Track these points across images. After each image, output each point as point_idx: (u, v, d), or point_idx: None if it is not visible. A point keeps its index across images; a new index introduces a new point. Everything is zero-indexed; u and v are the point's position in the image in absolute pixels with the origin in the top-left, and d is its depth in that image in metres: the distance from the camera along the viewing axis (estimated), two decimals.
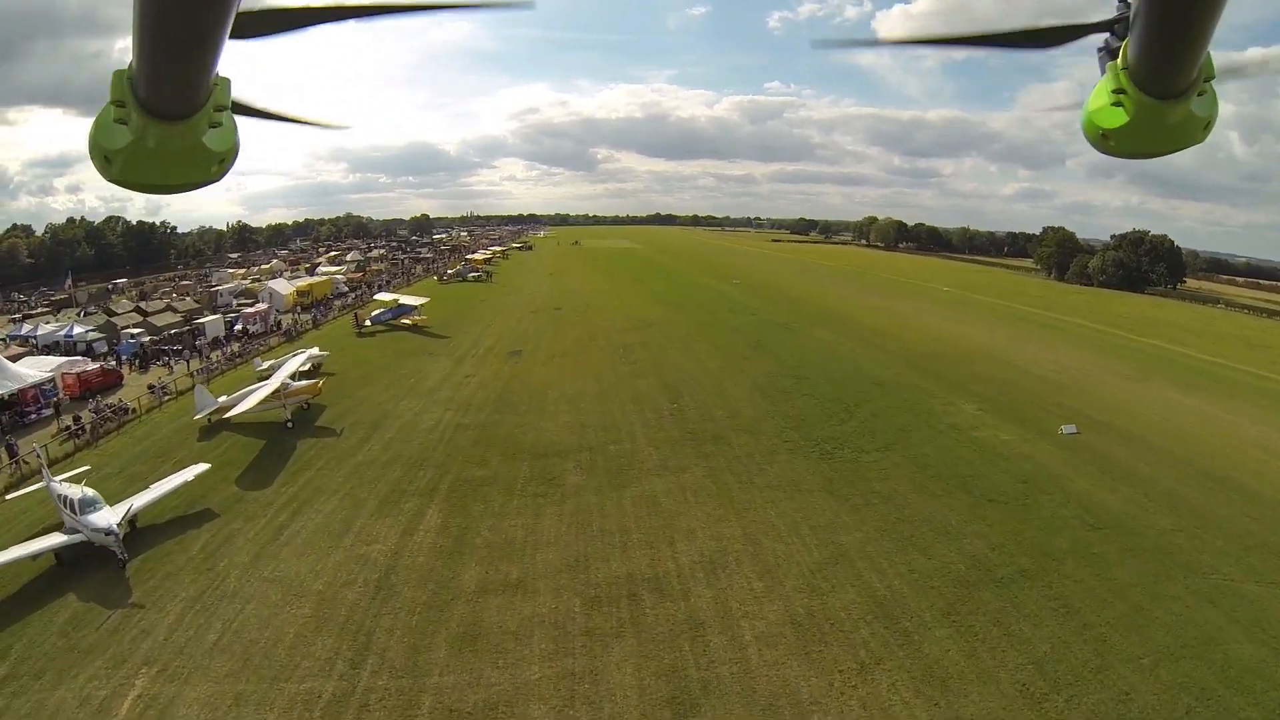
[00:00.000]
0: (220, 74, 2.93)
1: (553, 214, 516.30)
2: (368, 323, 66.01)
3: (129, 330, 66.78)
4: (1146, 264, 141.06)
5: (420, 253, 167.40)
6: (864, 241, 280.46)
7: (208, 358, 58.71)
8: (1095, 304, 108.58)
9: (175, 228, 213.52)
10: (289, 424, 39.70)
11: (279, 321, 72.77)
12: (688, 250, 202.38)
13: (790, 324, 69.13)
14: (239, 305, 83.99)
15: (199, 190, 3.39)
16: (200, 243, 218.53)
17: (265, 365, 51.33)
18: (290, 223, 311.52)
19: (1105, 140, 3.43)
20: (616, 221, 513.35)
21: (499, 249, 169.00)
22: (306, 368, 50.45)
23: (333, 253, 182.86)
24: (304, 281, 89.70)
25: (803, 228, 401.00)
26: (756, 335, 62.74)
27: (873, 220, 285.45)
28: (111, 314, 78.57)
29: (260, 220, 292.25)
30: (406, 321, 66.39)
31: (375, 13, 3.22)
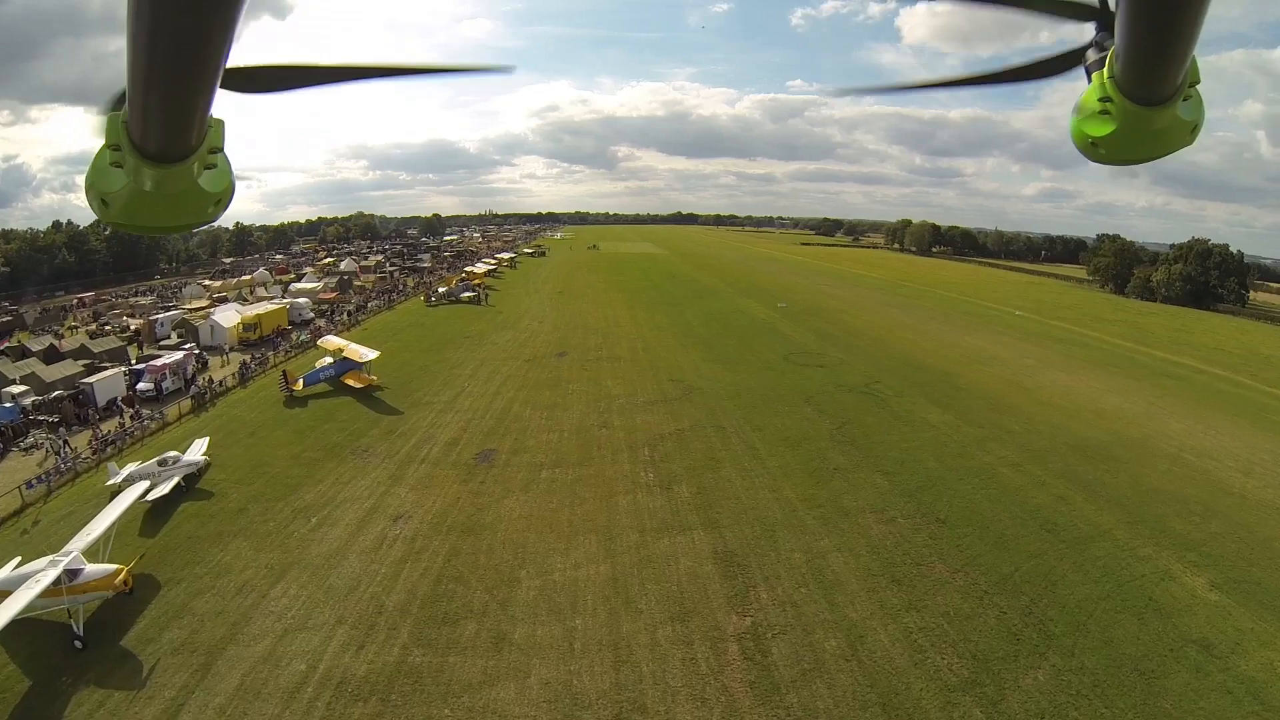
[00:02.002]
0: (214, 116, 2.83)
1: (572, 212, 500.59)
2: (299, 384, 47.37)
3: (11, 389, 48.69)
4: (1215, 278, 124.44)
5: (420, 260, 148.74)
6: (897, 245, 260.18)
7: (62, 449, 40.50)
8: (1182, 330, 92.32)
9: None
10: (78, 643, 21.96)
11: (194, 373, 54.46)
12: (716, 257, 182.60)
13: (875, 387, 49.55)
14: (160, 345, 66.16)
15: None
16: (194, 247, 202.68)
17: (122, 475, 33.42)
18: (303, 220, 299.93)
19: (1095, 148, 3.31)
20: (637, 220, 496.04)
21: (507, 257, 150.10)
22: (172, 485, 32.38)
23: (328, 259, 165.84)
24: (252, 311, 71.17)
25: (828, 228, 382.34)
26: (838, 412, 43.15)
27: (906, 223, 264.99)
28: (26, 353, 61.08)
29: (281, 218, 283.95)
30: (352, 383, 47.68)
31: (361, 75, 3.17)
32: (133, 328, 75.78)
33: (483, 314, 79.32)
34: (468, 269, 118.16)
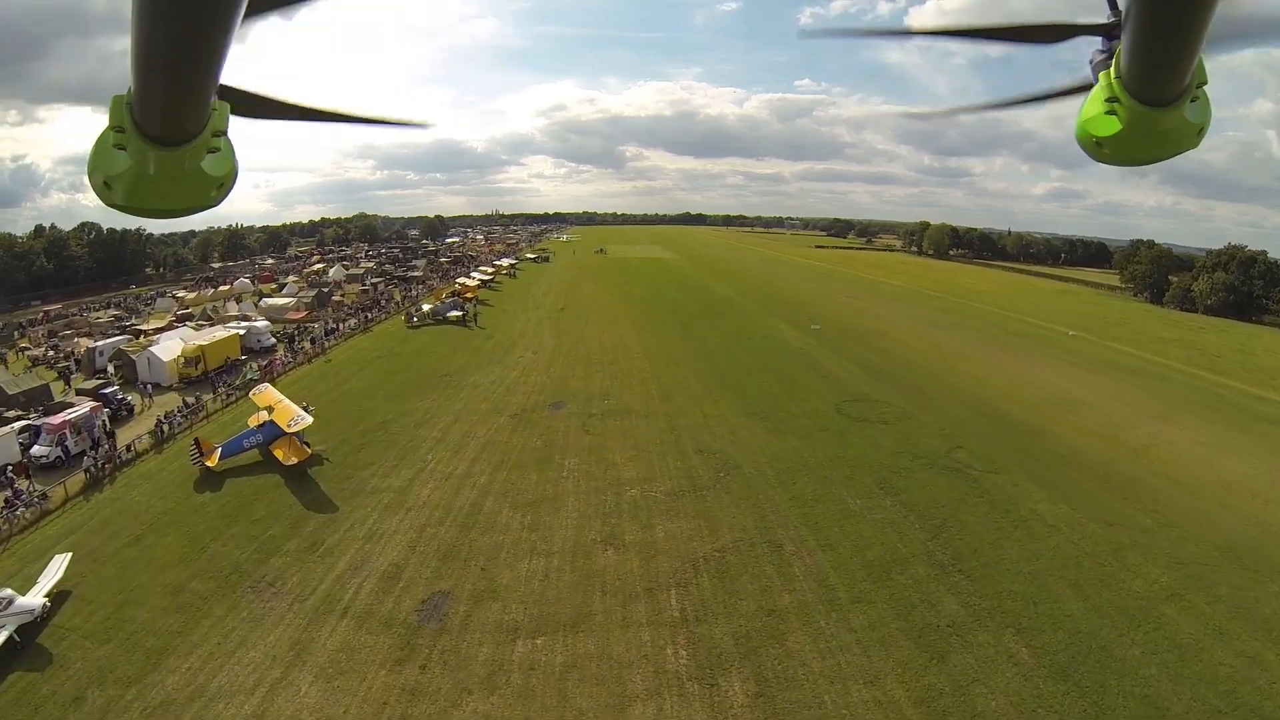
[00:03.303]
0: (218, 100, 2.80)
1: (580, 212, 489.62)
2: (215, 458, 35.95)
3: None
4: (1259, 289, 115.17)
5: (413, 266, 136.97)
6: (915, 248, 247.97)
7: None
8: (1244, 352, 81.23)
9: (150, 235, 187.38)
10: None
11: (108, 430, 43.22)
12: (730, 262, 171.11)
13: (959, 456, 37.72)
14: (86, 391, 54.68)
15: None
16: (183, 251, 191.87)
17: None
18: (306, 221, 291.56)
19: (1100, 148, 3.29)
20: (645, 220, 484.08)
21: (506, 264, 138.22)
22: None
23: (319, 264, 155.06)
24: (195, 342, 59.63)
25: (839, 229, 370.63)
26: (927, 506, 31.30)
27: (925, 225, 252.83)
28: None
29: (289, 217, 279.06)
30: (281, 458, 36.10)
31: (313, 117, 3.25)
32: (79, 353, 64.76)
33: (469, 339, 67.66)
34: (460, 280, 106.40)
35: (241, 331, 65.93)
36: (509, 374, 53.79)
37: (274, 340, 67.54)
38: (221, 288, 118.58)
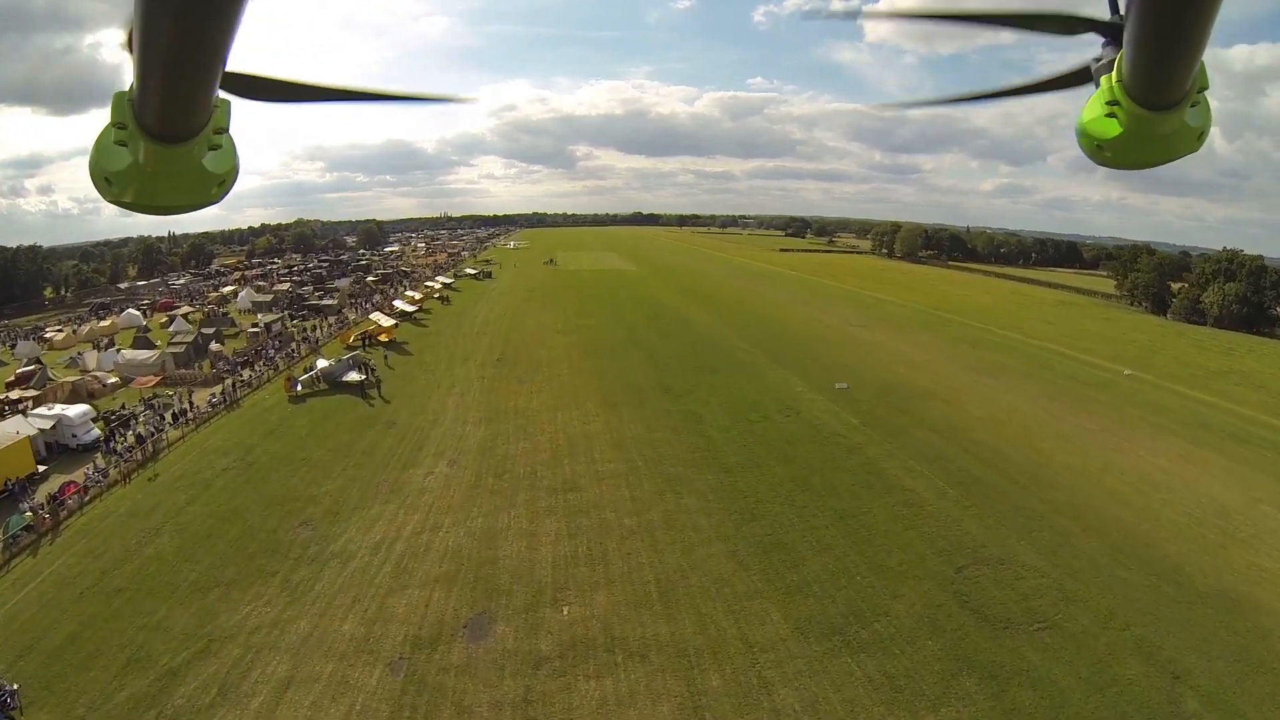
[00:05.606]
0: (220, 96, 2.65)
1: (530, 213, 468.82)
2: None
3: None
4: (1270, 299, 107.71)
5: (333, 289, 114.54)
6: (885, 251, 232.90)
7: None
8: None
9: (50, 250, 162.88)
10: None
11: None
12: (698, 273, 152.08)
13: (1189, 707, 20.16)
14: None
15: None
16: (88, 269, 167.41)
17: None
18: (246, 227, 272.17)
19: (1101, 152, 3.15)
20: (596, 221, 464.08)
21: (440, 284, 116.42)
22: None
23: (231, 285, 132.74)
24: None
25: (797, 228, 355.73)
26: None
27: (896, 227, 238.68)
28: None
29: (239, 221, 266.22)
30: None
31: (338, 98, 3.03)
32: None
33: (362, 429, 46.24)
34: (375, 315, 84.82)
35: (46, 425, 44.73)
36: (405, 523, 32.83)
37: (97, 432, 46.48)
38: (103, 323, 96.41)
